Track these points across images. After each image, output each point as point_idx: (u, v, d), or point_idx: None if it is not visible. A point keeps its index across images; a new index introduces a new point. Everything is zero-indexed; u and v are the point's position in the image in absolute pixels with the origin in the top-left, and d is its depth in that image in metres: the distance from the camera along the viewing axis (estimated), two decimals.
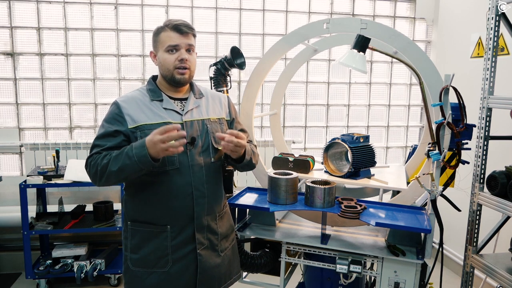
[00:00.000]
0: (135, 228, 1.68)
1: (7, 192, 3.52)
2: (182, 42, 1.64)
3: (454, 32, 3.71)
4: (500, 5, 2.08)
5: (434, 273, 1.94)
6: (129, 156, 1.49)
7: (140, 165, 1.48)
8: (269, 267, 2.09)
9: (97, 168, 1.55)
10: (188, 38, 1.65)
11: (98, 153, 1.59)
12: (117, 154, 1.52)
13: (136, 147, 1.49)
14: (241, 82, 3.84)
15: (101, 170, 1.54)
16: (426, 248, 1.79)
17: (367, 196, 2.56)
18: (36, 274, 3.11)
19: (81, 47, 3.58)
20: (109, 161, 1.52)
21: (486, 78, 2.16)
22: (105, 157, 1.55)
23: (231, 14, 3.76)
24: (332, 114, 4.08)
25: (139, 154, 1.47)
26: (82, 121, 3.69)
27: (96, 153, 1.59)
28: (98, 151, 1.59)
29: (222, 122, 1.80)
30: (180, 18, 1.69)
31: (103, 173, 1.54)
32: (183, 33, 1.64)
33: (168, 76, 1.67)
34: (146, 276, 1.66)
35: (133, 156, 1.48)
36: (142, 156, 1.47)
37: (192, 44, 1.68)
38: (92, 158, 1.59)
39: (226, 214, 1.85)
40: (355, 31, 1.96)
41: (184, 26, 1.64)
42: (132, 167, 1.49)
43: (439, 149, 1.79)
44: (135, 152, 1.48)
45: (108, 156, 1.54)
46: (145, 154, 1.46)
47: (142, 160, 1.47)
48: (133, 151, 1.48)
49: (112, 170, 1.51)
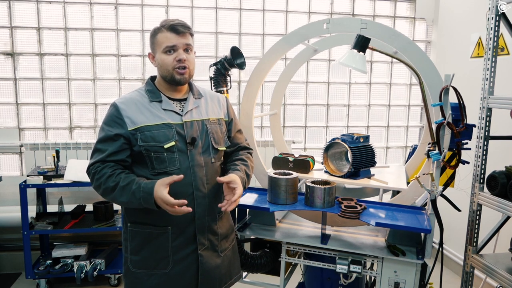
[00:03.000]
0: (135, 230, 1.68)
1: (7, 192, 3.52)
2: (180, 42, 1.63)
3: (454, 32, 3.71)
4: (500, 5, 2.08)
5: (434, 273, 1.94)
6: (136, 197, 1.53)
7: (144, 206, 1.54)
8: (269, 267, 2.09)
9: (101, 186, 1.58)
10: (185, 38, 1.65)
11: (102, 161, 1.59)
12: (124, 186, 1.54)
13: (144, 192, 1.52)
14: (241, 82, 3.84)
15: (105, 191, 1.58)
16: (426, 248, 1.79)
17: (367, 196, 2.56)
18: (36, 274, 3.11)
19: (81, 47, 3.58)
20: (114, 187, 1.55)
21: (486, 78, 2.16)
22: (110, 177, 1.56)
23: (231, 14, 3.76)
24: (332, 114, 4.08)
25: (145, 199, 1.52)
26: (82, 121, 3.69)
27: (99, 162, 1.59)
28: (101, 159, 1.59)
29: (221, 123, 1.80)
30: (176, 18, 1.68)
31: (106, 194, 1.59)
32: (179, 33, 1.63)
33: (168, 77, 1.67)
34: (147, 278, 1.66)
35: (140, 199, 1.52)
36: (148, 203, 1.53)
37: (190, 43, 1.67)
38: (94, 167, 1.59)
39: (226, 215, 1.84)
40: (355, 31, 1.96)
41: (180, 25, 1.64)
42: (136, 205, 1.55)
43: (439, 149, 1.79)
44: (142, 195, 1.52)
45: (114, 178, 1.56)
46: (152, 203, 1.52)
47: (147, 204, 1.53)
48: (141, 194, 1.52)
49: (116, 199, 1.57)
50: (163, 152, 1.60)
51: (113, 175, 1.56)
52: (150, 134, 1.60)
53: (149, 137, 1.60)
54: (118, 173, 1.57)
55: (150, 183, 1.53)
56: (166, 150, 1.60)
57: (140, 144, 1.59)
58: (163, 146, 1.60)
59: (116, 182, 1.55)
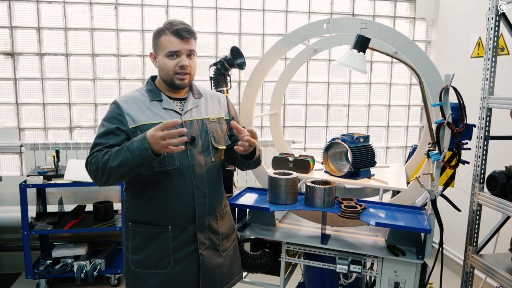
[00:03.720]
0: (136, 229, 1.68)
1: (7, 192, 3.52)
2: (183, 48, 1.62)
3: (454, 32, 3.71)
4: (500, 5, 2.08)
5: (434, 273, 1.94)
6: (130, 150, 1.45)
7: (141, 159, 1.45)
8: (269, 267, 2.09)
9: (98, 165, 1.51)
10: (189, 44, 1.63)
11: (99, 151, 1.56)
12: (118, 149, 1.50)
13: (137, 140, 1.47)
14: (241, 82, 3.84)
15: (102, 167, 1.50)
16: (426, 248, 1.79)
17: (367, 196, 2.56)
18: (36, 274, 3.11)
19: (81, 47, 3.58)
20: (109, 157, 1.49)
21: (486, 78, 2.16)
22: (106, 153, 1.52)
23: (231, 14, 3.76)
24: (332, 114, 4.08)
25: (140, 147, 1.44)
26: (82, 121, 3.69)
27: (97, 151, 1.56)
28: (100, 149, 1.56)
29: (222, 122, 1.80)
30: (181, 21, 1.65)
31: (103, 169, 1.50)
32: (184, 38, 1.61)
33: (168, 81, 1.66)
34: (148, 277, 1.66)
35: (134, 149, 1.45)
36: (143, 150, 1.43)
37: (193, 49, 1.66)
38: (92, 156, 1.56)
39: (227, 214, 1.85)
40: (355, 31, 1.96)
41: (185, 31, 1.61)
42: (133, 161, 1.45)
43: (439, 149, 1.79)
44: (136, 145, 1.45)
45: (110, 152, 1.52)
46: (146, 147, 1.43)
47: (143, 154, 1.44)
48: (134, 145, 1.45)
49: (112, 166, 1.48)
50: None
51: (107, 152, 1.53)
52: None
53: None
54: (112, 150, 1.53)
55: (142, 134, 1.48)
56: None
57: None
58: None
59: (110, 155, 1.50)
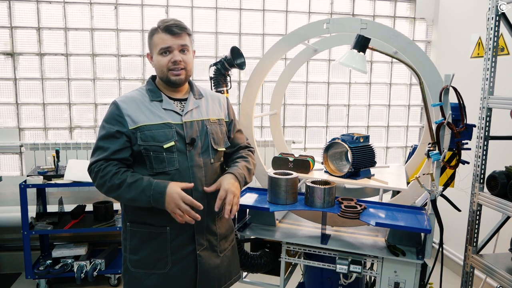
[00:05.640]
0: (134, 229, 1.68)
1: (7, 192, 3.52)
2: (175, 43, 1.62)
3: (454, 32, 3.71)
4: (500, 5, 2.08)
5: (434, 273, 1.94)
6: (146, 195, 1.53)
7: (152, 205, 1.54)
8: (269, 267, 2.09)
9: (106, 183, 1.56)
10: (180, 39, 1.64)
11: (105, 160, 1.57)
12: (132, 183, 1.54)
13: (155, 190, 1.53)
14: (241, 82, 3.84)
15: (110, 188, 1.56)
16: (426, 248, 1.78)
17: (367, 196, 2.56)
18: (36, 274, 3.11)
19: (81, 47, 3.58)
20: (121, 185, 1.54)
21: (486, 78, 2.16)
22: (115, 175, 1.55)
23: (231, 14, 3.76)
24: (332, 114, 4.08)
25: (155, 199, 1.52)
26: (82, 121, 3.69)
27: (102, 160, 1.58)
28: (105, 157, 1.57)
29: (222, 123, 1.80)
30: (172, 18, 1.66)
31: (111, 191, 1.57)
32: (175, 34, 1.62)
33: (164, 78, 1.67)
34: (145, 277, 1.66)
35: (150, 198, 1.52)
36: (156, 202, 1.53)
37: (186, 43, 1.66)
38: (97, 165, 1.58)
39: None
40: (355, 31, 1.96)
41: (175, 26, 1.62)
42: (143, 202, 1.55)
43: (439, 149, 1.79)
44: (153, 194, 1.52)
45: (120, 176, 1.55)
46: (162, 202, 1.52)
47: (155, 203, 1.53)
48: (151, 192, 1.52)
49: (123, 197, 1.56)
50: (162, 152, 1.60)
51: (118, 172, 1.56)
52: (150, 134, 1.59)
53: (149, 136, 1.59)
54: (124, 171, 1.57)
55: (162, 182, 1.54)
56: (165, 150, 1.60)
57: (139, 144, 1.59)
58: (162, 146, 1.59)
59: (122, 180, 1.54)
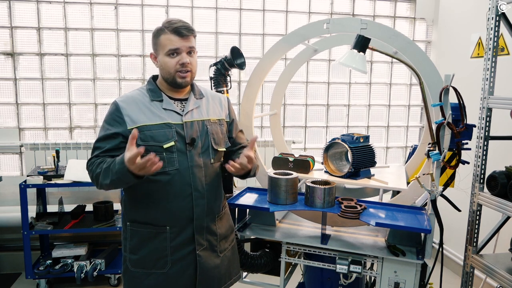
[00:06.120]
0: (134, 229, 1.68)
1: (7, 192, 3.52)
2: (183, 45, 1.62)
3: (454, 32, 3.70)
4: (500, 5, 2.08)
5: (434, 273, 1.94)
6: (113, 172, 1.50)
7: (125, 180, 1.49)
8: (269, 267, 2.09)
9: (92, 175, 1.60)
10: (188, 41, 1.63)
11: (97, 156, 1.61)
12: (107, 167, 1.53)
13: (118, 162, 1.48)
14: (241, 82, 3.84)
15: (95, 178, 1.59)
16: (426, 248, 1.79)
17: (367, 196, 2.56)
18: (36, 274, 3.10)
19: (81, 47, 3.58)
20: (100, 172, 1.55)
21: (486, 78, 2.16)
22: (99, 165, 1.57)
23: (231, 14, 3.76)
24: (332, 114, 4.08)
25: (121, 171, 1.47)
26: (82, 121, 3.69)
27: (95, 157, 1.61)
28: (97, 154, 1.61)
29: (222, 123, 1.80)
30: (179, 19, 1.65)
31: (97, 181, 1.59)
32: (183, 36, 1.61)
33: (170, 79, 1.66)
34: (145, 277, 1.66)
35: (116, 173, 1.49)
36: (124, 174, 1.47)
37: (193, 46, 1.66)
38: (91, 162, 1.62)
39: (226, 215, 1.84)
40: (355, 31, 1.96)
41: (184, 28, 1.62)
42: (119, 182, 1.52)
43: (439, 149, 1.79)
44: (118, 168, 1.48)
45: (102, 164, 1.56)
46: (126, 171, 1.45)
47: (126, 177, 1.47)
48: (116, 167, 1.49)
49: (103, 183, 1.55)
50: (162, 152, 1.60)
51: (100, 163, 1.57)
52: (149, 134, 1.59)
53: (149, 136, 1.59)
54: (106, 160, 1.56)
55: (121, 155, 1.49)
56: (165, 150, 1.60)
57: (139, 143, 1.58)
58: (162, 146, 1.60)
59: (101, 168, 1.55)
